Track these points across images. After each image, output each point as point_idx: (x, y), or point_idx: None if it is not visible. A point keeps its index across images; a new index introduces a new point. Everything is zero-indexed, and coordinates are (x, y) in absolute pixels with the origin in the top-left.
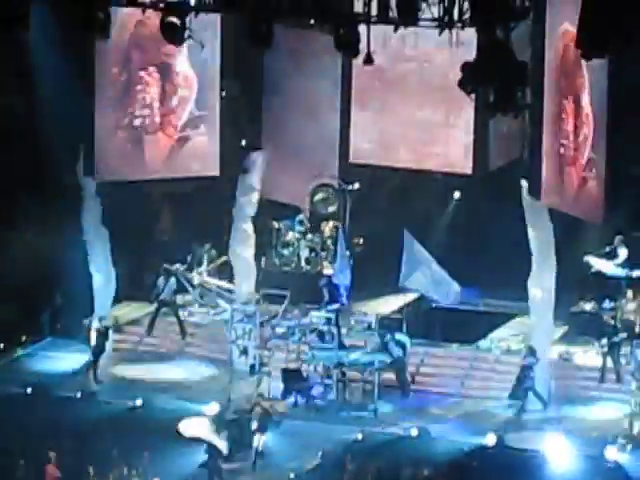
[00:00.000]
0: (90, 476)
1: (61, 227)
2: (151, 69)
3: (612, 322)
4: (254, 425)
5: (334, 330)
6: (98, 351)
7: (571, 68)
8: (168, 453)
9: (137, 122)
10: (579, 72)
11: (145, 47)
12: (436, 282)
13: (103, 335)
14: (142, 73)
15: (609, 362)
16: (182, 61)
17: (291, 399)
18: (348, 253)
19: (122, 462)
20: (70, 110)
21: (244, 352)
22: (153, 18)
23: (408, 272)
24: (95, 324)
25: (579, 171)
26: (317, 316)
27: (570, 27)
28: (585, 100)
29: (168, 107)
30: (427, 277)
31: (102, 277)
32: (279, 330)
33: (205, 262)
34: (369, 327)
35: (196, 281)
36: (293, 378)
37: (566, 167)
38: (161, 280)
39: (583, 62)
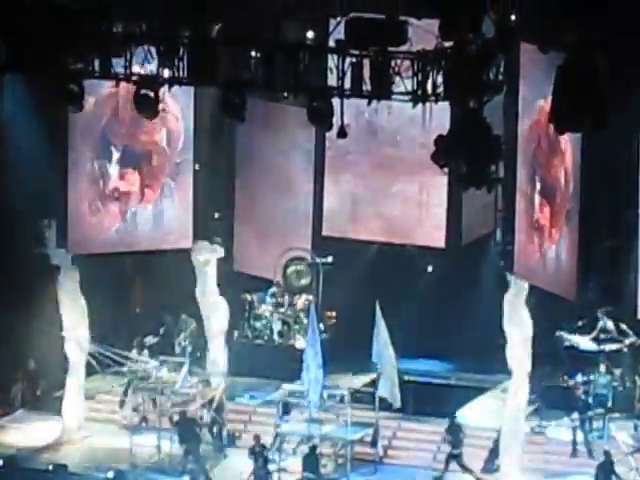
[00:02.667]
0: None
1: (32, 298)
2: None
3: (584, 397)
4: None
5: (305, 403)
6: None
7: (544, 143)
8: None
9: (108, 194)
10: (552, 147)
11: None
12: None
13: None
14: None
15: (580, 436)
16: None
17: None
18: (321, 327)
19: None
20: (42, 182)
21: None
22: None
23: (378, 349)
24: None
25: (552, 245)
26: (289, 389)
27: (543, 102)
28: (558, 174)
29: (143, 179)
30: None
31: (77, 348)
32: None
33: (184, 332)
34: (341, 400)
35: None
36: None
37: (539, 241)
38: (133, 353)
39: (556, 137)
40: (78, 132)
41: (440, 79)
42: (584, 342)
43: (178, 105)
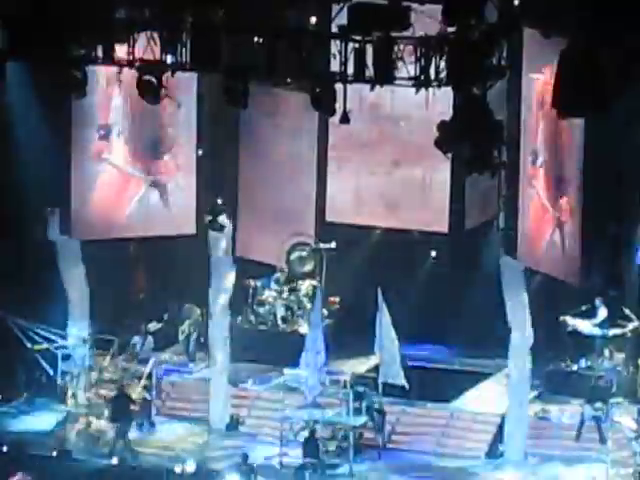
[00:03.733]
0: None
1: (37, 285)
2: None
3: (588, 382)
4: None
5: (306, 388)
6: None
7: (547, 128)
8: None
9: (112, 181)
10: (555, 132)
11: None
12: (386, 362)
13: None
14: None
15: (588, 422)
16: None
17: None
18: (325, 312)
19: None
20: (46, 168)
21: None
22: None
23: (381, 334)
24: None
25: (555, 230)
26: (290, 374)
27: (546, 87)
28: (562, 160)
29: (148, 165)
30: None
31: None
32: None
33: (188, 320)
34: (344, 386)
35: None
36: None
37: (542, 226)
38: (136, 338)
39: (559, 122)
40: (82, 118)
41: (443, 64)
42: (587, 327)
43: (181, 91)
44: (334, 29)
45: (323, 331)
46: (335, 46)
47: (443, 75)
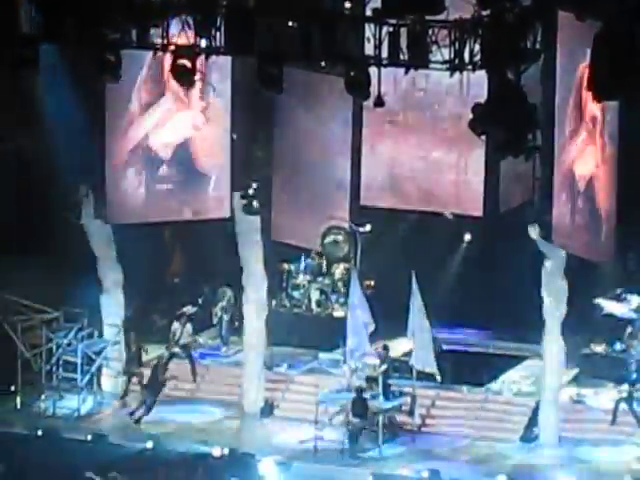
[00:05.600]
0: None
1: (70, 269)
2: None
3: (623, 365)
4: None
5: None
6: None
7: (582, 110)
8: None
9: (147, 165)
10: (590, 115)
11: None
12: (418, 347)
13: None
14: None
15: (621, 405)
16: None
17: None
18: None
19: None
20: (80, 152)
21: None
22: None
23: (413, 319)
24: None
25: (590, 213)
26: (325, 358)
27: (581, 70)
28: (596, 142)
29: (183, 150)
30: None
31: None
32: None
33: (221, 302)
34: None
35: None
36: None
37: (577, 209)
38: (176, 325)
39: (595, 104)
40: (117, 101)
41: (477, 48)
42: (622, 310)
43: (216, 75)
44: (368, 12)
45: (364, 312)
46: (369, 30)
47: (477, 58)
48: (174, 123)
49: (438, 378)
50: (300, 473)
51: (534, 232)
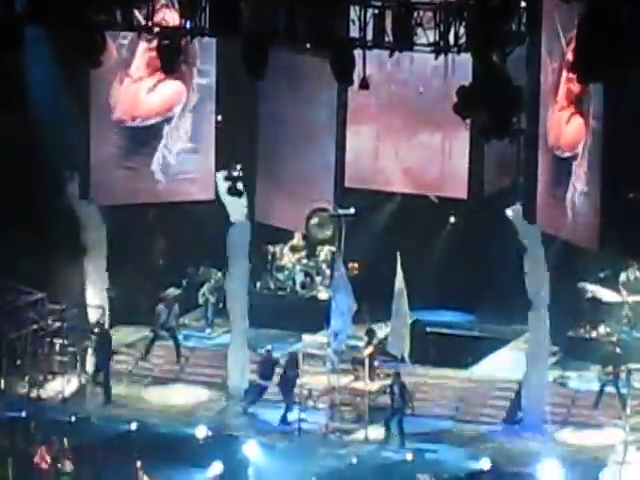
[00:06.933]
0: None
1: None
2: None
3: (607, 348)
4: None
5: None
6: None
7: (567, 93)
8: (162, 476)
9: (132, 146)
10: (575, 97)
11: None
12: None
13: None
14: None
15: (608, 388)
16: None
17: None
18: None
19: None
20: (65, 133)
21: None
22: None
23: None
24: None
25: (574, 196)
26: (309, 340)
27: (566, 52)
28: (581, 124)
29: (167, 131)
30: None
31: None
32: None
33: (208, 283)
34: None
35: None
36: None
37: (561, 192)
38: (161, 307)
39: (580, 86)
40: (101, 82)
41: (462, 30)
42: (607, 293)
43: (200, 57)
44: None
45: (347, 295)
46: (354, 12)
47: (462, 41)
48: (159, 104)
49: (408, 362)
50: (284, 455)
51: (511, 214)
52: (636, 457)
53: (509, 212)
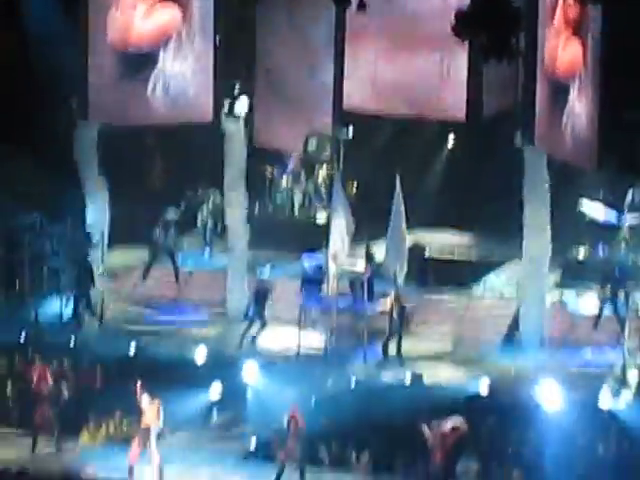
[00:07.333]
0: (86, 423)
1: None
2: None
3: (606, 269)
4: None
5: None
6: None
7: (566, 13)
8: (162, 399)
9: (130, 67)
10: (574, 18)
11: None
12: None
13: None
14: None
15: (607, 310)
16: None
17: None
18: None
19: (116, 409)
20: (63, 54)
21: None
22: None
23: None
24: None
25: (573, 117)
26: (308, 261)
27: None
28: (580, 46)
29: (165, 52)
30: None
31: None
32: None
33: (206, 204)
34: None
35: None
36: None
37: (560, 113)
38: (159, 230)
39: (578, 7)
40: (99, 7)
41: None
42: (605, 214)
43: None
44: None
45: (346, 215)
46: None
47: None
48: (158, 25)
49: (399, 282)
50: (283, 376)
51: (519, 139)
52: (635, 377)
53: (517, 137)
